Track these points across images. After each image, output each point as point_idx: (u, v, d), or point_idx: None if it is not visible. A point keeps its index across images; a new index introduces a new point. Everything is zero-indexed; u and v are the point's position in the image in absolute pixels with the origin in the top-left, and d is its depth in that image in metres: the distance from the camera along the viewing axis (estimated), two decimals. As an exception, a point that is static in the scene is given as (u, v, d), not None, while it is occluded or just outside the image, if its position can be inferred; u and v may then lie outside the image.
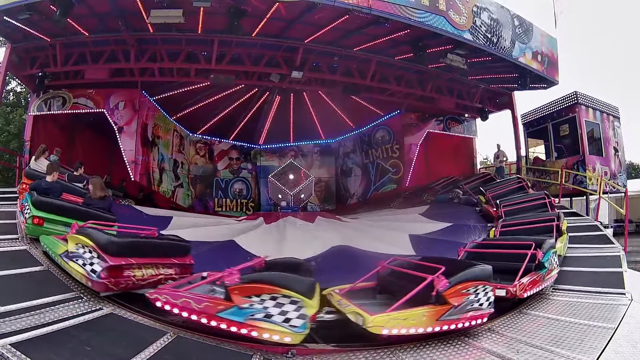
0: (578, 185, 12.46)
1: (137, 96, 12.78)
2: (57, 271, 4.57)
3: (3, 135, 17.91)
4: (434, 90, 13.87)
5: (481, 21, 10.69)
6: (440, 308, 3.87)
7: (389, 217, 11.83)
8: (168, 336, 3.53)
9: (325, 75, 12.84)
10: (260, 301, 3.50)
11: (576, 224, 8.49)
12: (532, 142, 15.26)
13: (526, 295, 4.93)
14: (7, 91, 18.78)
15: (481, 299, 4.17)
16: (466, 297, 4.04)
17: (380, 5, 9.27)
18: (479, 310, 4.14)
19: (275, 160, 18.76)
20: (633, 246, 11.41)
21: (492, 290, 4.31)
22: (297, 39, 11.39)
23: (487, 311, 4.23)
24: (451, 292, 3.94)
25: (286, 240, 8.70)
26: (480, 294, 4.17)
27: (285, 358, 3.61)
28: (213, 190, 17.98)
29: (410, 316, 3.76)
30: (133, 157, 12.57)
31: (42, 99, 11.70)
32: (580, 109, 12.88)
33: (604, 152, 13.18)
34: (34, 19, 9.29)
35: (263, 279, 3.64)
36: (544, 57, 12.23)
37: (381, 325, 3.65)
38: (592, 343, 3.69)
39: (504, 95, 14.73)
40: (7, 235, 5.56)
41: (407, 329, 3.72)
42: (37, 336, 3.07)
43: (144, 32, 10.54)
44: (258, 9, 9.58)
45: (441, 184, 13.78)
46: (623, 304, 4.74)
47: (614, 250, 6.66)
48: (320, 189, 18.60)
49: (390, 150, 16.49)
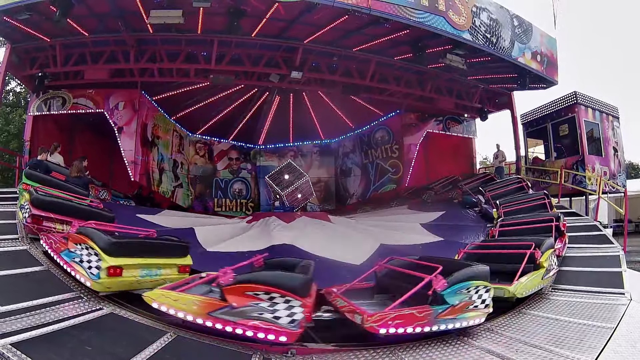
0: (577, 185, 12.47)
1: (136, 96, 12.75)
2: (57, 271, 4.59)
3: (3, 136, 17.92)
4: (434, 91, 13.87)
5: (480, 21, 10.70)
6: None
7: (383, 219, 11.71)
8: (168, 336, 3.54)
9: (325, 75, 12.84)
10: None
11: (575, 223, 8.50)
12: (531, 142, 15.28)
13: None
14: (7, 91, 18.80)
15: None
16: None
17: (379, 6, 9.27)
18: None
19: (274, 160, 18.74)
20: (632, 246, 11.42)
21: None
22: (297, 39, 11.40)
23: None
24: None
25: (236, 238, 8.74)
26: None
27: (285, 358, 3.61)
28: (213, 190, 17.96)
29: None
30: (133, 157, 12.54)
31: (41, 99, 11.69)
32: (579, 109, 12.89)
33: (604, 152, 13.19)
34: (34, 19, 9.27)
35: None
36: (544, 57, 12.24)
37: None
38: (591, 343, 3.70)
39: (503, 95, 14.74)
40: (7, 235, 5.57)
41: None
42: (37, 336, 3.08)
43: (144, 32, 10.54)
44: (257, 9, 9.58)
45: (441, 184, 13.80)
46: (622, 303, 4.75)
47: (614, 250, 6.67)
48: (319, 189, 18.58)
49: (390, 150, 16.49)
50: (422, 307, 3.83)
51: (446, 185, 13.63)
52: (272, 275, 3.80)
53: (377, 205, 14.72)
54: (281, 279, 3.68)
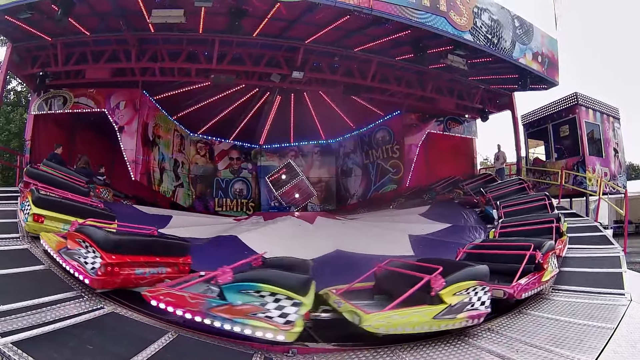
0: (578, 186, 12.46)
1: (137, 96, 12.76)
2: (58, 270, 4.59)
3: (4, 135, 17.94)
4: (435, 91, 13.87)
5: (482, 22, 10.70)
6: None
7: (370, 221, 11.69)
8: (169, 335, 3.55)
9: (326, 75, 12.85)
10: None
11: (576, 224, 8.50)
12: (532, 143, 15.25)
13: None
14: (8, 90, 18.83)
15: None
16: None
17: (381, 6, 9.27)
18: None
19: (275, 160, 18.74)
20: (633, 247, 11.41)
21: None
22: (298, 39, 11.40)
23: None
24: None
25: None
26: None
27: (285, 357, 3.62)
28: (213, 190, 17.96)
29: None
30: (134, 156, 12.56)
31: (42, 99, 11.69)
32: (580, 110, 12.88)
33: (604, 153, 13.18)
34: (35, 18, 9.28)
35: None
36: (545, 58, 12.24)
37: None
38: (591, 343, 3.70)
39: (504, 96, 14.73)
40: (8, 234, 5.58)
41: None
42: (38, 335, 3.08)
43: (145, 31, 10.56)
44: (259, 9, 9.59)
45: (441, 185, 13.79)
46: (622, 304, 4.75)
47: (614, 251, 6.67)
48: (320, 189, 18.58)
49: (391, 150, 16.48)
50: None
51: (447, 186, 13.62)
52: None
53: (377, 205, 14.72)
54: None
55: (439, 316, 3.85)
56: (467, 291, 4.10)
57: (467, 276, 4.16)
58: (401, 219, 11.35)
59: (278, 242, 8.26)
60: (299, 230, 9.95)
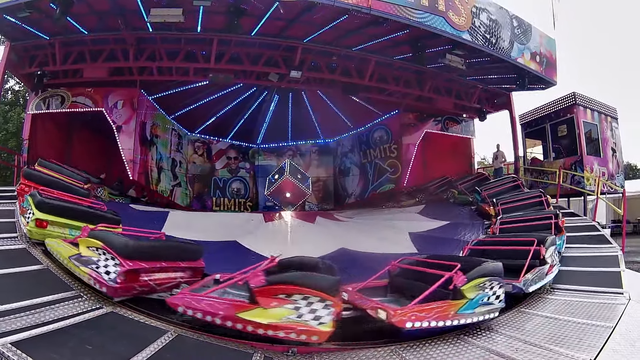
0: (576, 186, 12.50)
1: (135, 95, 12.69)
2: (56, 270, 4.56)
3: (1, 134, 17.91)
4: (433, 91, 13.87)
5: (480, 22, 10.71)
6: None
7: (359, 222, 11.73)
8: (169, 335, 3.54)
9: (324, 74, 12.82)
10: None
11: (574, 224, 8.54)
12: (529, 143, 15.29)
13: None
14: (6, 89, 18.75)
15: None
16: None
17: (379, 6, 9.27)
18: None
19: (273, 159, 18.71)
20: (631, 246, 11.44)
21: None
22: (296, 39, 11.38)
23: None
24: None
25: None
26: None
27: (286, 357, 3.62)
28: (211, 189, 17.91)
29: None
30: (131, 156, 12.50)
31: (40, 98, 11.62)
32: (578, 110, 12.92)
33: (602, 152, 13.22)
34: (34, 17, 9.20)
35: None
36: (543, 58, 12.26)
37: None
38: (590, 341, 3.72)
39: (502, 95, 14.75)
40: (6, 234, 5.54)
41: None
42: (37, 335, 3.08)
43: (144, 31, 10.50)
44: (257, 8, 9.55)
45: (436, 185, 13.83)
46: (621, 303, 4.79)
47: (612, 250, 6.70)
48: (318, 189, 18.56)
49: (388, 150, 16.47)
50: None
51: (441, 186, 13.67)
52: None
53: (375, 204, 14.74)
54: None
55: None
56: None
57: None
58: (399, 217, 11.41)
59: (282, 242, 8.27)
60: (300, 230, 9.96)
